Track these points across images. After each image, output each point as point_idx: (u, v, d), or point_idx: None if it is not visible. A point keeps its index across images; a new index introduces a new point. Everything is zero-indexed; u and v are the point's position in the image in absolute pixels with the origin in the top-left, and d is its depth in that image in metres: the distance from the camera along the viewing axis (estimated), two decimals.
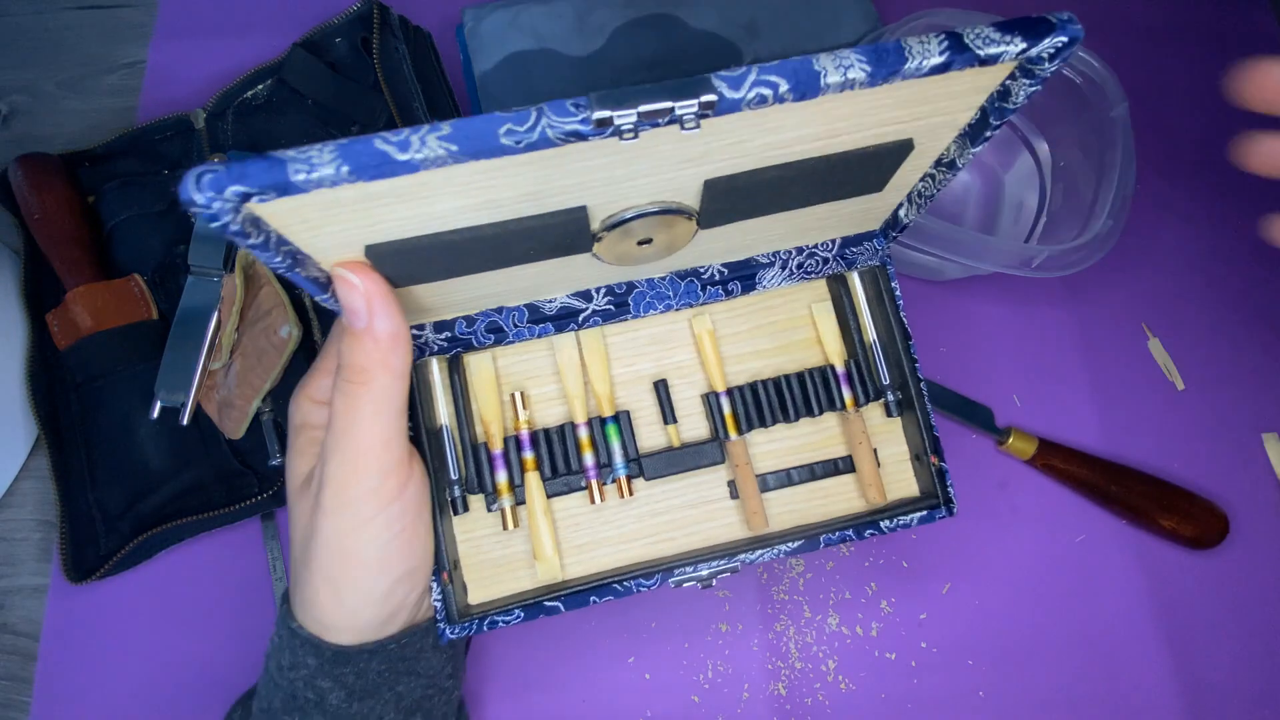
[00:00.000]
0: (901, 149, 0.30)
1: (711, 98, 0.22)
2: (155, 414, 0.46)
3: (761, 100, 0.23)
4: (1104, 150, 0.49)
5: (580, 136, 0.22)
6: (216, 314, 0.47)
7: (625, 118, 0.22)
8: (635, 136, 0.23)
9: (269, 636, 0.48)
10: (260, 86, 0.55)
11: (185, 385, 0.46)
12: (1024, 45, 0.24)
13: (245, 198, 0.22)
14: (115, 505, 0.47)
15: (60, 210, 0.50)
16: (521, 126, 0.22)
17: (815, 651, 0.46)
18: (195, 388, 0.46)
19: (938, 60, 0.23)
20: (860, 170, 0.30)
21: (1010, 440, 0.50)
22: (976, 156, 0.57)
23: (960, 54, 0.23)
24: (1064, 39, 0.24)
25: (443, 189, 0.25)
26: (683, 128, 0.23)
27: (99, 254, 0.50)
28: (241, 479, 0.48)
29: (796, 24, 0.54)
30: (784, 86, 0.23)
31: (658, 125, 0.23)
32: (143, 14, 0.61)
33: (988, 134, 0.29)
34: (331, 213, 0.25)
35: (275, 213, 0.24)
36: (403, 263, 0.29)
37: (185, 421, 0.46)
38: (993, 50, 0.24)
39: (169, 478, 0.47)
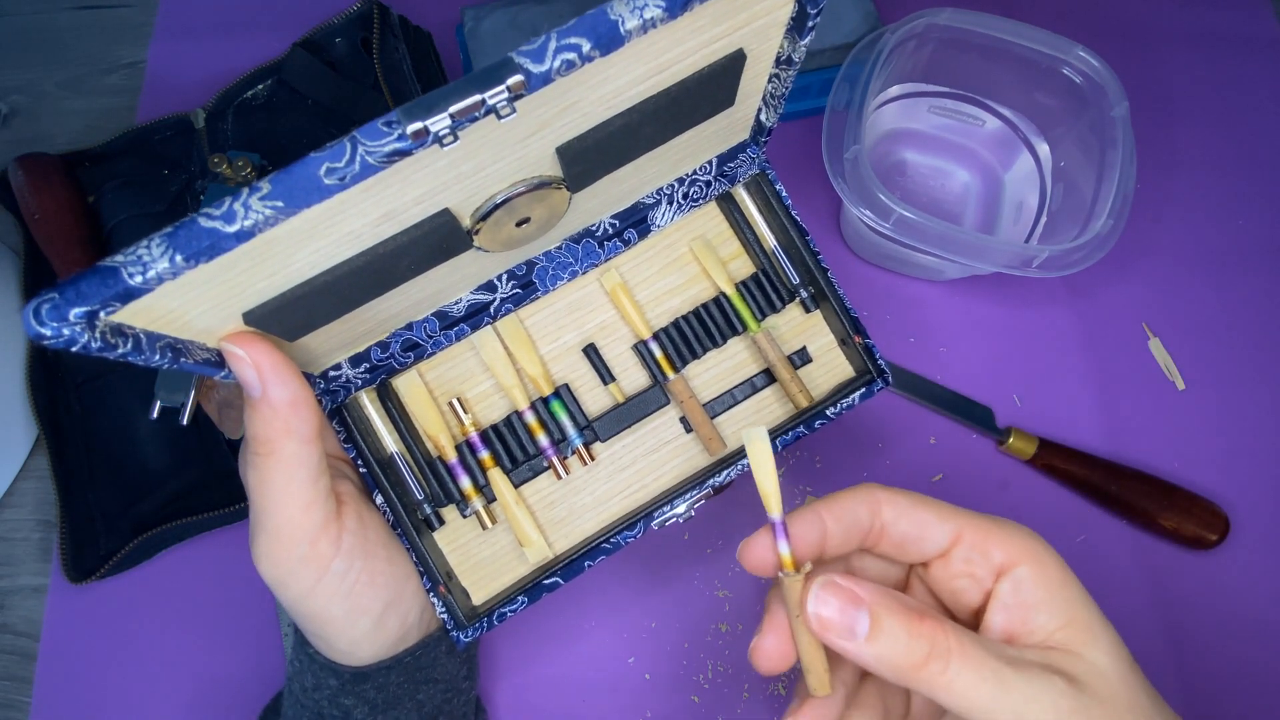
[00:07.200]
0: (735, 60, 0.29)
1: (518, 78, 0.22)
2: (155, 414, 0.46)
3: (570, 65, 0.23)
4: (1104, 150, 0.49)
5: (404, 153, 0.22)
6: None
7: (439, 123, 0.22)
8: (455, 140, 0.22)
9: (272, 641, 0.48)
10: (260, 86, 0.55)
11: (185, 385, 0.46)
12: None
13: (92, 316, 0.21)
14: (115, 505, 0.47)
15: (60, 210, 0.50)
16: (340, 161, 0.22)
17: None
18: (195, 388, 0.46)
19: None
20: (704, 91, 0.30)
21: (1010, 440, 0.50)
22: (977, 156, 0.57)
23: None
24: None
25: (291, 240, 0.24)
26: (500, 117, 0.22)
27: (99, 254, 0.50)
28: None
29: None
30: (587, 46, 0.22)
31: (476, 120, 0.22)
32: (143, 14, 0.61)
33: (810, 24, 0.28)
34: (192, 295, 0.24)
35: (134, 314, 0.23)
36: (286, 317, 0.28)
37: (185, 421, 0.46)
38: None
39: (169, 478, 0.47)
